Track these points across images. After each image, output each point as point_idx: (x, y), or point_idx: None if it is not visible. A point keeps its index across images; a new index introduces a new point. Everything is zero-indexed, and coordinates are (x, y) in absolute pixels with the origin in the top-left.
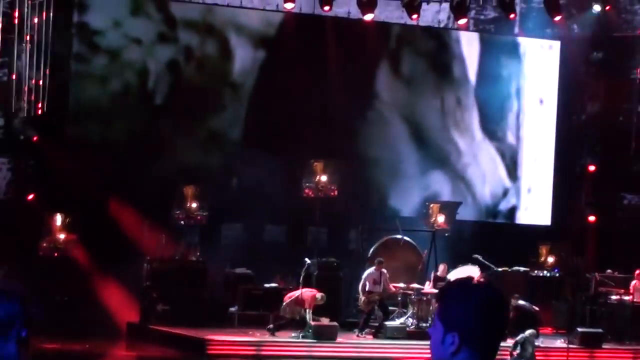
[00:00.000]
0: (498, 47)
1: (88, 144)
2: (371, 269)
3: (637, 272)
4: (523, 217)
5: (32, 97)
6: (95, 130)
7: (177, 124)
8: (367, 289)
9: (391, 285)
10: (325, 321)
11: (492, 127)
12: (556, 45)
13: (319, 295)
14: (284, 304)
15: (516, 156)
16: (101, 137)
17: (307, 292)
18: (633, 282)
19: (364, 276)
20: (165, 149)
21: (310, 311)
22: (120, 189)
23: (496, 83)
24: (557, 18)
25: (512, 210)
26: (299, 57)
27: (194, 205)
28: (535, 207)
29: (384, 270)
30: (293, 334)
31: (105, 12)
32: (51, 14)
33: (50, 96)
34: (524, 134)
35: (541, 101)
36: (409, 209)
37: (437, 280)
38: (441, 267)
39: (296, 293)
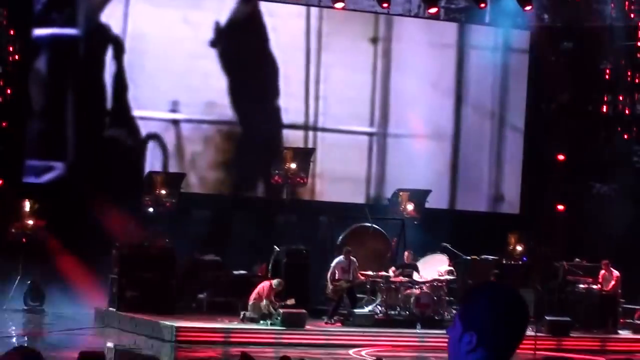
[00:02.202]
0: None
1: None
2: (340, 258)
3: (605, 262)
4: (493, 206)
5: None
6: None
7: None
8: (335, 277)
9: (360, 274)
10: (291, 301)
11: None
12: (526, 35)
13: (274, 282)
14: (249, 304)
15: None
16: None
17: (262, 286)
18: (601, 272)
19: (332, 264)
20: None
21: (272, 300)
22: (90, 176)
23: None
24: (528, 8)
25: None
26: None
27: (163, 191)
28: (504, 196)
29: (354, 259)
30: (262, 322)
31: None
32: None
33: None
34: None
35: (511, 90)
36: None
37: (403, 267)
38: (405, 254)
39: (255, 290)
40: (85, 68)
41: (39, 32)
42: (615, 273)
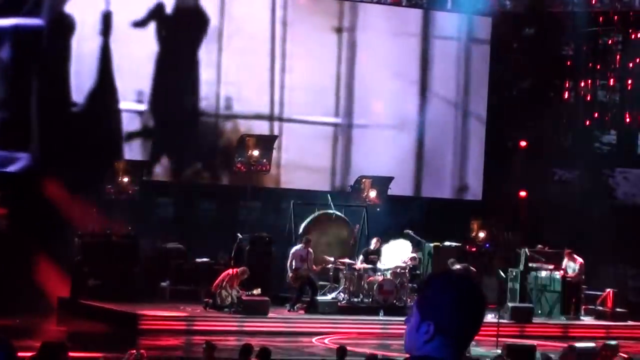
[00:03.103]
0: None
1: None
2: (298, 246)
3: (567, 250)
4: (455, 193)
5: None
6: None
7: None
8: (293, 266)
9: (314, 266)
10: (257, 291)
11: None
12: (488, 21)
13: (239, 270)
14: (213, 293)
15: None
16: None
17: (227, 273)
18: (565, 260)
19: (291, 252)
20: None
21: (237, 288)
22: (51, 164)
23: None
24: None
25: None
26: None
27: (125, 179)
28: (466, 182)
29: (310, 250)
30: (225, 310)
31: None
32: None
33: None
34: None
35: (473, 77)
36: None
37: (369, 254)
38: (373, 241)
39: (219, 278)
40: (49, 58)
41: (1, 22)
42: (579, 260)
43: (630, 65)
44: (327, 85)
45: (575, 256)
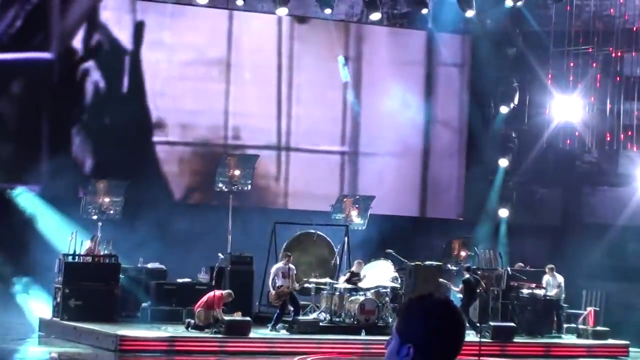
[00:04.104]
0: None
1: None
2: (279, 264)
3: (549, 266)
4: (436, 212)
5: None
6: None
7: None
8: (276, 284)
9: (297, 284)
10: (237, 316)
11: None
12: (468, 40)
13: (225, 292)
14: (196, 312)
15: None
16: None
17: (212, 295)
18: (545, 277)
19: (272, 270)
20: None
21: (221, 310)
22: (32, 182)
23: None
24: (470, 13)
25: (425, 205)
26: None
27: (107, 199)
28: (448, 202)
29: (292, 266)
30: (206, 330)
31: None
32: None
33: None
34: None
35: (454, 95)
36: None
37: (352, 276)
38: (356, 264)
39: (204, 299)
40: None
41: (11, 56)
42: (560, 278)
43: (611, 84)
44: (334, 115)
45: (556, 273)
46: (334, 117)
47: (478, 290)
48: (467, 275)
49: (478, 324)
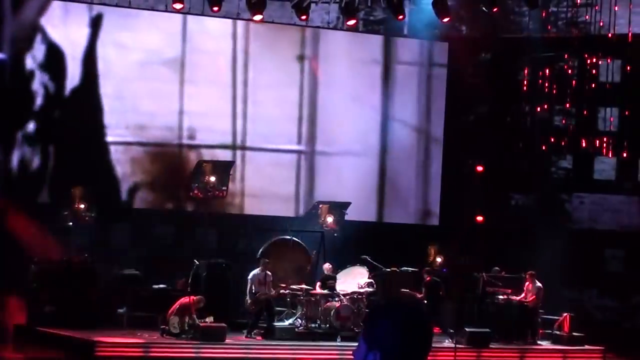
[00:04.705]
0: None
1: None
2: (256, 270)
3: (530, 272)
4: (412, 218)
5: None
6: None
7: None
8: (253, 290)
9: (280, 287)
10: (210, 319)
11: None
12: (444, 46)
13: (196, 299)
14: (170, 319)
15: None
16: None
17: (185, 300)
18: (526, 283)
19: (249, 278)
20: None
21: (194, 316)
22: (6, 190)
23: None
24: (446, 19)
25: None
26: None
27: (82, 206)
28: (426, 207)
29: (269, 273)
30: (182, 336)
31: None
32: None
33: None
34: None
35: (432, 102)
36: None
37: (326, 279)
38: (326, 266)
39: (176, 305)
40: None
41: None
42: (538, 284)
43: (586, 90)
44: (290, 113)
45: (536, 280)
46: (291, 116)
47: (440, 293)
48: (427, 278)
49: (452, 330)
